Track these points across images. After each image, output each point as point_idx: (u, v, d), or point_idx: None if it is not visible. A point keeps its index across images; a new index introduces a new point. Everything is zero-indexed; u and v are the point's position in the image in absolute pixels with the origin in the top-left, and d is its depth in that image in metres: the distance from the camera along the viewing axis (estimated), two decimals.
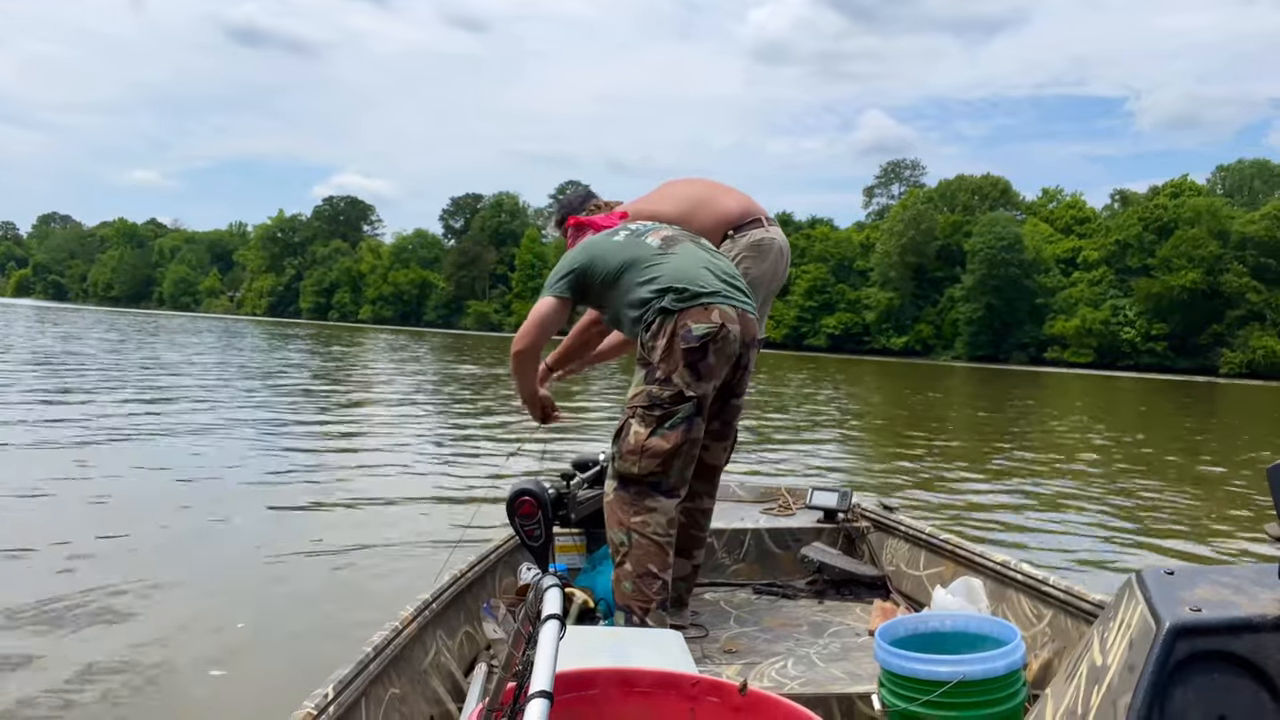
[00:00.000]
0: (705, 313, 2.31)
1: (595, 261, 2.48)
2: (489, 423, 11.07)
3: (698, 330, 2.29)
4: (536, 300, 2.53)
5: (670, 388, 2.31)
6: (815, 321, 64.32)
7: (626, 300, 2.42)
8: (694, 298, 2.31)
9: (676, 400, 2.32)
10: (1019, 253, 56.88)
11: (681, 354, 2.30)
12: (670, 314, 2.31)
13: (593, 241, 2.57)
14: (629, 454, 2.33)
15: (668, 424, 2.32)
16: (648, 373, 2.35)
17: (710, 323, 2.30)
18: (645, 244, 2.47)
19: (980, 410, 17.66)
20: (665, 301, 2.33)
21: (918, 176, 76.26)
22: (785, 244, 3.26)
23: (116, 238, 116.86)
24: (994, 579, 2.51)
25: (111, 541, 4.49)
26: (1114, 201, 65.39)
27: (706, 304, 2.32)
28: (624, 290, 2.42)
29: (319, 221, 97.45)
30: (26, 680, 2.80)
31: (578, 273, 2.49)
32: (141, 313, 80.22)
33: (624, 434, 2.37)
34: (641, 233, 2.53)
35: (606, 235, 2.58)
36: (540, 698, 0.95)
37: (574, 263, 2.51)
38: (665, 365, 2.31)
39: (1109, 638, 1.13)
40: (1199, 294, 50.96)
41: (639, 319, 2.38)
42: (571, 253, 2.58)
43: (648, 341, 2.35)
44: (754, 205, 3.19)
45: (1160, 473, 9.20)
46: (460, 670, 2.25)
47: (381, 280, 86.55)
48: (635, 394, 2.37)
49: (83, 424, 8.46)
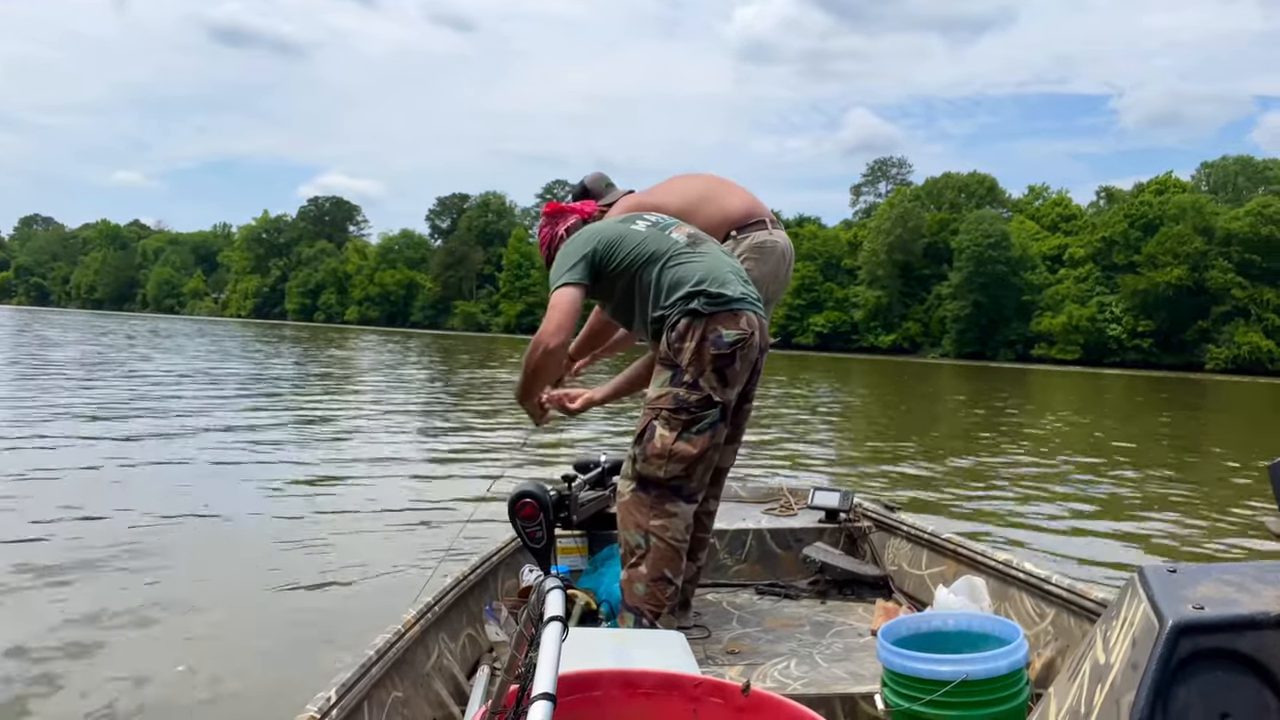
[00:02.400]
0: (735, 318, 2.27)
1: (610, 247, 2.37)
2: (498, 423, 11.06)
3: (729, 337, 2.25)
4: (551, 295, 2.36)
5: (698, 392, 2.26)
6: (803, 320, 64.42)
7: (646, 294, 2.33)
8: (726, 302, 2.27)
9: (704, 405, 2.27)
10: (1006, 250, 57.13)
11: (711, 359, 2.25)
12: (700, 316, 2.25)
13: (603, 227, 2.45)
14: (655, 457, 2.27)
15: (694, 429, 2.27)
16: (674, 375, 2.28)
17: (740, 329, 2.27)
18: (670, 238, 2.39)
19: (975, 408, 17.75)
20: (696, 303, 2.26)
21: (905, 174, 76.52)
22: (789, 247, 3.24)
23: (99, 239, 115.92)
24: (996, 578, 2.51)
25: (112, 541, 4.46)
26: (1099, 198, 65.86)
27: (736, 309, 2.28)
28: (643, 283, 2.33)
29: (304, 222, 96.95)
30: (25, 691, 2.77)
31: (591, 257, 2.36)
32: (125, 315, 79.66)
33: (647, 436, 2.29)
34: (664, 226, 2.44)
35: (620, 222, 2.47)
36: (543, 700, 0.95)
37: (587, 246, 2.38)
38: (693, 369, 2.25)
39: (1112, 636, 1.13)
40: (1185, 290, 51.33)
41: (662, 318, 2.31)
42: (579, 238, 2.44)
43: (674, 343, 2.27)
44: (759, 206, 3.17)
45: (1158, 470, 9.24)
46: (463, 673, 2.24)
47: (368, 281, 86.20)
48: (660, 396, 2.30)
49: (67, 436, 8.39)
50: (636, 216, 2.51)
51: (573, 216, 2.66)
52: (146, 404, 11.01)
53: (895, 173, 77.18)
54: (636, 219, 2.49)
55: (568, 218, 2.66)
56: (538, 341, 2.32)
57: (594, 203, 2.77)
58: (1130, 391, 28.22)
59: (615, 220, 2.50)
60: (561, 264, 2.37)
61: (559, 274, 2.35)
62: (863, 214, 74.39)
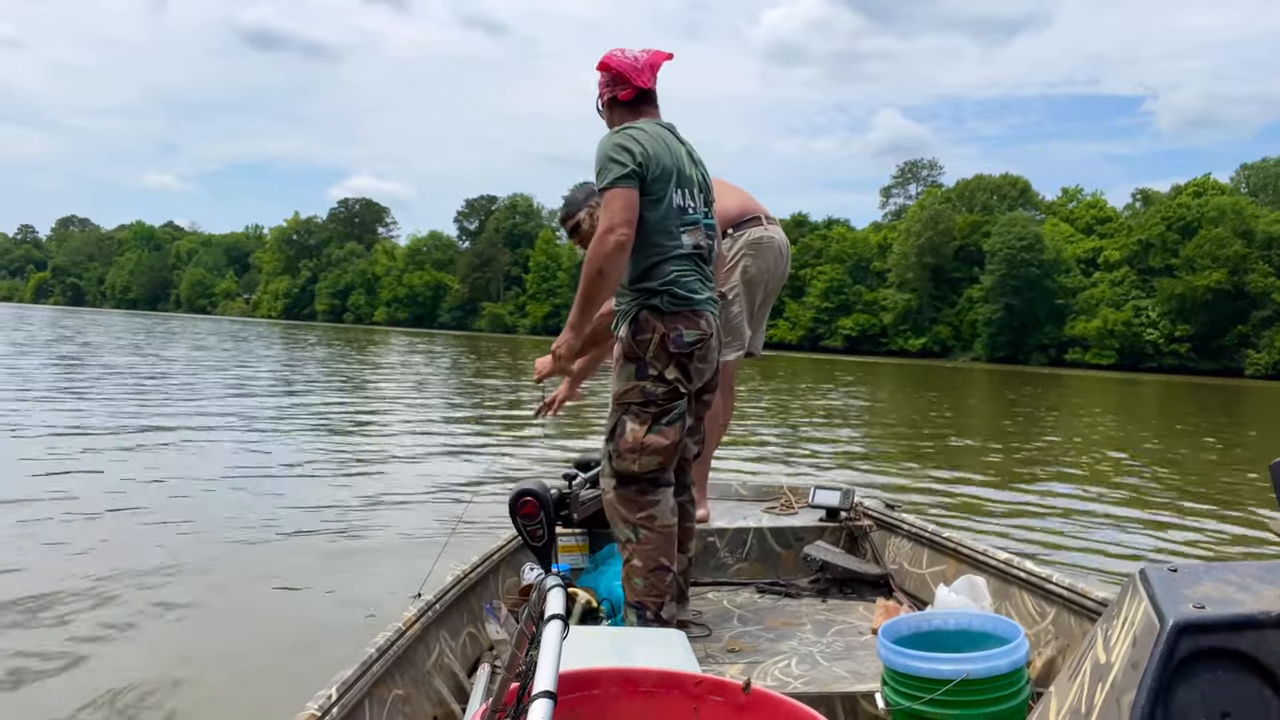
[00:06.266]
0: (695, 319, 2.31)
1: (651, 164, 2.24)
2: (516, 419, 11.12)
3: (688, 337, 2.30)
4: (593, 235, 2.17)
5: (665, 384, 2.30)
6: (832, 323, 64.18)
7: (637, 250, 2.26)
8: (685, 302, 2.30)
9: (672, 397, 2.31)
10: (1039, 253, 56.48)
11: (671, 355, 2.29)
12: (661, 314, 2.29)
13: (654, 136, 2.28)
14: (628, 452, 2.30)
15: (664, 420, 2.31)
16: (639, 368, 2.30)
17: (699, 330, 2.32)
18: (682, 219, 2.33)
19: (1003, 415, 17.53)
20: (659, 301, 2.29)
21: (935, 176, 75.96)
22: (785, 242, 3.25)
23: (134, 240, 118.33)
24: (997, 577, 2.51)
25: (109, 542, 4.51)
26: (1135, 201, 64.85)
27: (698, 309, 2.32)
28: (644, 233, 2.25)
29: (334, 224, 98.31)
30: (29, 689, 2.80)
31: (640, 160, 2.21)
32: (159, 315, 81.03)
33: (619, 432, 2.32)
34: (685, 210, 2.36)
35: (670, 153, 2.31)
36: (544, 698, 0.95)
37: (633, 145, 2.22)
38: (659, 362, 2.29)
39: (1112, 635, 1.12)
40: (1223, 294, 50.41)
41: (628, 301, 2.32)
42: (619, 135, 2.27)
43: (637, 336, 2.30)
44: (752, 203, 3.17)
45: (1166, 470, 9.11)
46: (463, 671, 2.25)
47: (396, 282, 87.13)
48: (627, 390, 2.32)
49: (88, 429, 8.54)
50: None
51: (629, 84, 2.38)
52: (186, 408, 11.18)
53: (926, 174, 76.73)
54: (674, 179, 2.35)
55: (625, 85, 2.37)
56: (605, 232, 2.16)
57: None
58: (1167, 397, 27.71)
59: (666, 146, 2.32)
60: (605, 169, 2.22)
61: (605, 177, 2.21)
62: (892, 216, 73.92)
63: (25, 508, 5.06)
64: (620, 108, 2.40)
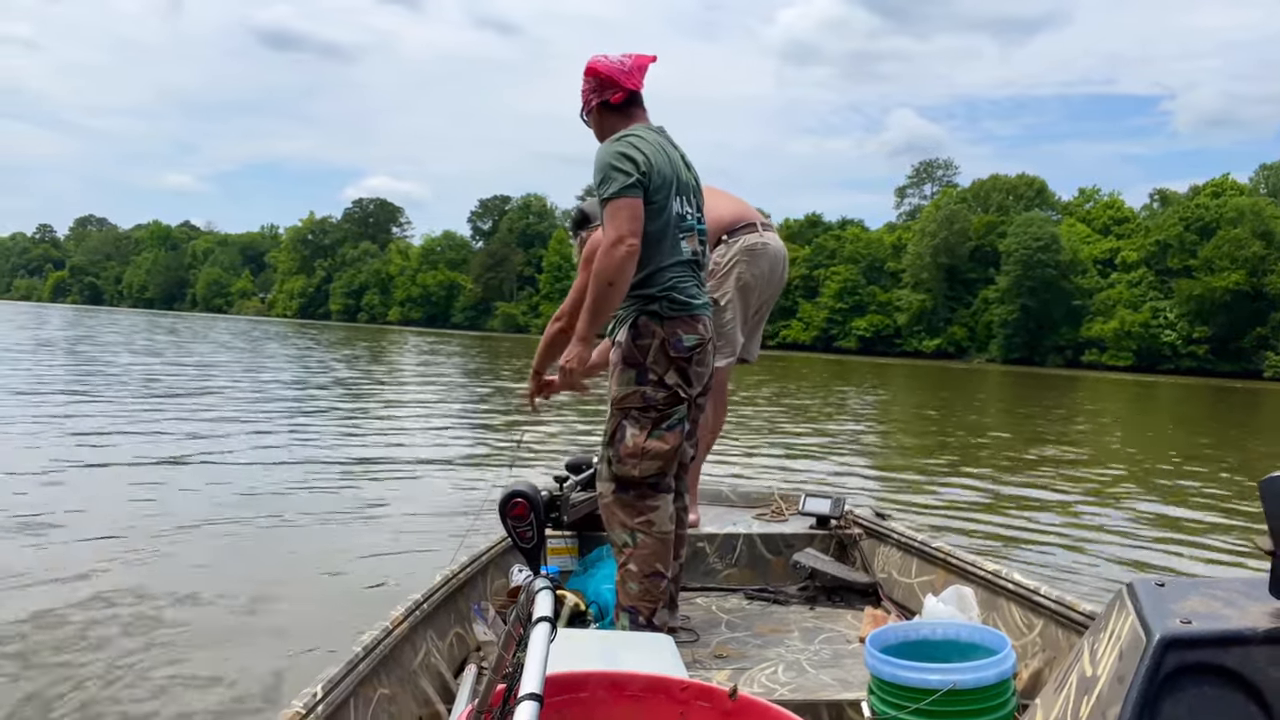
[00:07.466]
0: (693, 323, 2.32)
1: (653, 173, 2.25)
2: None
3: (688, 341, 2.31)
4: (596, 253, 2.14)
5: (664, 389, 2.30)
6: (845, 323, 64.02)
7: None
8: (684, 307, 2.31)
9: (672, 402, 2.31)
10: (1055, 253, 56.16)
11: (672, 360, 2.30)
12: (661, 319, 2.29)
13: (654, 145, 2.29)
14: (628, 457, 2.30)
15: (664, 425, 2.31)
16: (639, 373, 2.30)
17: (698, 334, 2.33)
18: (680, 226, 2.33)
19: (1015, 416, 17.42)
20: (659, 306, 2.30)
21: (950, 176, 75.70)
22: (781, 248, 3.22)
23: (151, 240, 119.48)
24: (985, 588, 2.50)
25: (107, 537, 4.53)
26: (1153, 201, 64.37)
27: (696, 314, 2.34)
28: (645, 242, 2.24)
29: (349, 224, 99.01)
30: (13, 682, 2.81)
31: (644, 169, 2.22)
32: (175, 315, 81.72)
33: (619, 437, 2.32)
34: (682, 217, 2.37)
35: (669, 161, 2.31)
36: (530, 700, 0.95)
37: (636, 154, 2.21)
38: (659, 367, 2.29)
39: (1099, 648, 1.12)
40: (1242, 295, 49.99)
41: (626, 307, 2.31)
42: (620, 142, 2.25)
43: (637, 341, 2.30)
44: (747, 210, 3.16)
45: (1164, 481, 9.00)
46: (450, 671, 2.24)
47: (410, 282, 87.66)
48: (626, 395, 2.31)
49: (107, 425, 8.62)
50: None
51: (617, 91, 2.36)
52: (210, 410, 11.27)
53: (941, 174, 76.47)
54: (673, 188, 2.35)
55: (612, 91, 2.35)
56: (614, 243, 2.15)
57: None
58: (1184, 400, 27.45)
59: (666, 158, 2.32)
60: (606, 179, 2.21)
61: (608, 188, 2.20)
62: (907, 216, 73.67)
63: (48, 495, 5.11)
64: (610, 113, 2.39)
